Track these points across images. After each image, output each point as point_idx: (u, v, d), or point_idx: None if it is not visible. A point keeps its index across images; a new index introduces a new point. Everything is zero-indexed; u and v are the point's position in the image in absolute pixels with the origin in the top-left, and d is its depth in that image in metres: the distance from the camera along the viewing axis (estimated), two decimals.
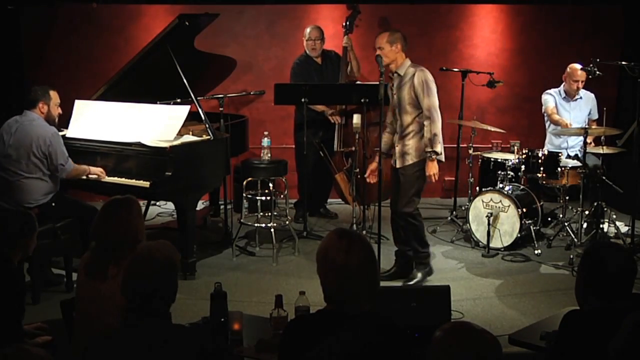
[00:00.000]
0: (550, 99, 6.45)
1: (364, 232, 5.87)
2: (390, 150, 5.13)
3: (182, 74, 5.32)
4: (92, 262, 3.15)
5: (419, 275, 5.13)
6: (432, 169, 4.94)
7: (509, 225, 5.79)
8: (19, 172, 4.85)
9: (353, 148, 5.92)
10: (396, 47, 4.93)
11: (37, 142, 4.85)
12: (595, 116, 6.42)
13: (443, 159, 5.01)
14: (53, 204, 4.97)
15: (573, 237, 5.81)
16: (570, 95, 6.40)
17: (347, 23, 6.51)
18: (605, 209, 6.06)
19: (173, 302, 2.56)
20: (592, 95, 6.48)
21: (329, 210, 6.93)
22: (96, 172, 5.18)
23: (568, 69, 6.35)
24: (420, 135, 4.92)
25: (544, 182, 5.96)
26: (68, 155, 5.02)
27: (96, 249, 3.19)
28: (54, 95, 5.06)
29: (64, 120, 5.37)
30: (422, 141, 4.91)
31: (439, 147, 4.89)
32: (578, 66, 6.27)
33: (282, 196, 6.18)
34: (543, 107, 6.49)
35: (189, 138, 5.39)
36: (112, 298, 2.89)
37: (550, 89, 6.54)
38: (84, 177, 5.16)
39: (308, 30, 6.53)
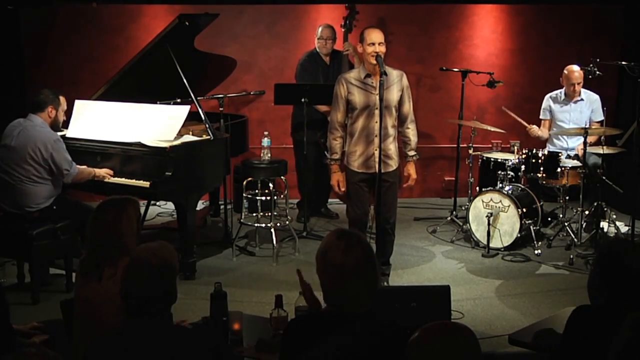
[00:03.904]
0: (545, 104, 6.48)
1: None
2: (341, 156, 4.88)
3: (182, 74, 5.32)
4: (86, 262, 3.15)
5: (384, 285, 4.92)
6: (414, 172, 4.96)
7: (509, 225, 5.79)
8: (21, 176, 4.82)
9: None
10: None
11: (39, 147, 4.80)
12: (598, 118, 6.28)
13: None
14: (54, 207, 4.96)
15: (573, 237, 5.82)
16: (570, 97, 6.38)
17: (347, 22, 6.52)
18: (605, 209, 6.06)
19: (174, 303, 2.56)
20: (596, 96, 6.39)
21: (330, 210, 6.92)
22: (102, 173, 5.16)
23: (565, 71, 6.32)
24: (396, 139, 4.88)
25: (544, 182, 5.96)
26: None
27: (88, 249, 3.20)
28: (63, 101, 5.04)
29: (64, 121, 5.36)
30: (396, 145, 4.88)
31: None
32: (576, 68, 6.24)
33: (282, 196, 6.18)
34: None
35: (189, 138, 5.38)
36: (110, 299, 2.89)
37: (550, 89, 6.54)
38: (89, 178, 5.15)
39: (320, 28, 6.53)
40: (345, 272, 2.34)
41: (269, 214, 5.84)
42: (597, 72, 5.81)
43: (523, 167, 5.99)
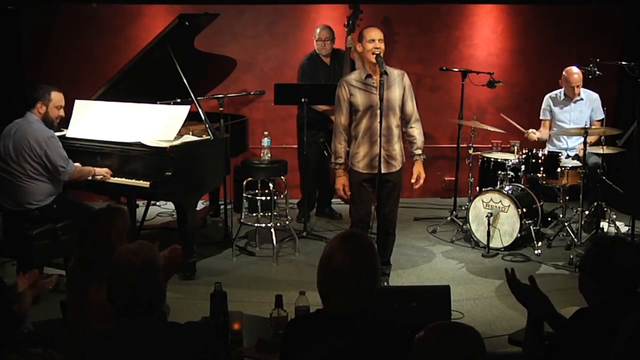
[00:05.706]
0: (545, 105, 6.47)
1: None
2: (346, 159, 4.87)
3: (182, 74, 5.32)
4: (74, 274, 3.15)
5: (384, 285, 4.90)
6: (423, 171, 4.93)
7: (509, 225, 5.79)
8: (20, 174, 4.82)
9: None
10: None
11: (33, 145, 4.79)
12: (599, 117, 6.27)
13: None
14: (54, 206, 4.96)
15: (573, 237, 5.82)
16: (569, 97, 6.38)
17: (350, 22, 6.52)
18: (605, 209, 6.07)
19: (163, 301, 2.55)
20: (596, 95, 6.39)
21: (334, 210, 6.90)
22: (102, 173, 5.15)
23: (564, 73, 6.31)
24: (401, 139, 4.87)
25: (544, 182, 5.95)
26: (68, 156, 4.99)
27: (77, 262, 3.20)
28: (55, 96, 4.95)
29: (64, 120, 5.36)
30: (401, 145, 4.86)
31: None
32: (575, 70, 6.22)
33: (282, 196, 6.18)
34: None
35: (189, 138, 5.38)
36: (97, 307, 2.89)
37: (550, 89, 6.54)
38: (89, 178, 5.15)
39: (318, 30, 6.52)
40: (345, 273, 2.33)
41: (269, 214, 5.84)
42: (597, 72, 5.81)
43: (523, 167, 5.99)
